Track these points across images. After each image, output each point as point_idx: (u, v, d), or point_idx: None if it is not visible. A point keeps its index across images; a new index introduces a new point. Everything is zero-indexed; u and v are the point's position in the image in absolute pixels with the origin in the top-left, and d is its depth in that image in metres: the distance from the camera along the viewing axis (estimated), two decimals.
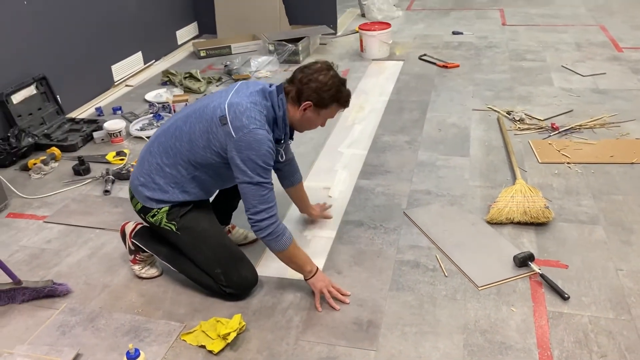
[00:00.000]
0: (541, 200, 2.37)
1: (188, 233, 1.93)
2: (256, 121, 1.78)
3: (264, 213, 1.81)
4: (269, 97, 1.87)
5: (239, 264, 1.94)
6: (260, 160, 1.77)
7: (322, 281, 1.93)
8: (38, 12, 3.37)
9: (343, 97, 1.89)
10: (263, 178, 1.79)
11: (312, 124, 1.95)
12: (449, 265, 2.11)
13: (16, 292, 2.00)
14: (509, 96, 3.61)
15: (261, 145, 1.77)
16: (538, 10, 5.71)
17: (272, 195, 1.84)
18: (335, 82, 1.85)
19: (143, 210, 1.97)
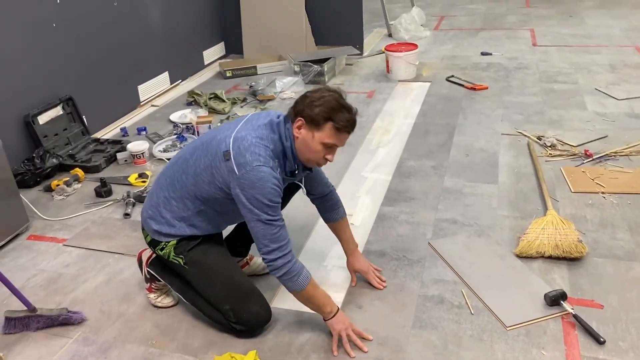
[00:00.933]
0: (574, 233, 2.26)
1: (196, 267, 1.87)
2: (260, 157, 1.70)
3: (277, 252, 1.73)
4: (277, 128, 1.78)
5: (249, 299, 1.86)
6: (266, 199, 1.69)
7: (342, 323, 1.84)
8: (66, 34, 3.41)
9: (338, 117, 1.70)
10: (271, 216, 1.71)
11: (310, 150, 1.75)
12: (476, 301, 2.01)
13: (30, 320, 1.97)
14: (540, 120, 3.49)
15: (265, 184, 1.68)
16: (570, 30, 5.58)
17: (284, 232, 1.75)
18: (331, 100, 1.70)
19: (152, 243, 1.93)
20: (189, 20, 4.77)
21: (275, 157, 1.76)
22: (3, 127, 3.01)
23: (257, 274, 2.22)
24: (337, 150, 1.82)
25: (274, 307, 2.03)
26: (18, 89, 3.11)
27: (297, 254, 2.35)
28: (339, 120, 1.70)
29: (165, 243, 1.89)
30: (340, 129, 1.72)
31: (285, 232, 1.76)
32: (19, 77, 3.12)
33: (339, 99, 1.73)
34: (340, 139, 1.75)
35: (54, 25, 3.32)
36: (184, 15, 4.67)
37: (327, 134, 1.72)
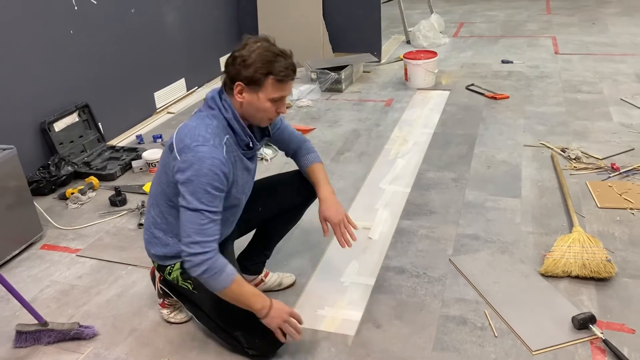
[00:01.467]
0: (602, 251, 2.16)
1: (205, 292, 1.75)
2: (199, 137, 1.59)
3: (198, 246, 1.57)
4: (213, 103, 1.66)
5: (260, 324, 1.73)
6: (201, 181, 1.56)
7: (279, 317, 1.69)
8: (83, 41, 3.40)
9: (277, 69, 1.58)
10: (204, 205, 1.57)
11: (259, 110, 1.64)
12: (499, 323, 1.93)
13: (42, 334, 1.93)
14: (564, 131, 3.40)
15: (202, 164, 1.55)
16: (593, 38, 5.46)
17: (215, 228, 1.60)
18: (263, 53, 1.57)
19: (159, 269, 1.88)
20: (206, 26, 4.75)
21: (223, 132, 1.65)
22: (19, 134, 3.00)
23: (273, 290, 2.16)
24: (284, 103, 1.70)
25: None
26: (34, 95, 3.10)
27: (314, 268, 2.29)
28: (278, 71, 1.59)
29: (171, 267, 1.82)
30: (283, 80, 1.61)
31: (216, 228, 1.61)
32: (36, 84, 3.10)
33: (271, 47, 1.61)
34: (285, 89, 1.64)
35: (71, 32, 3.31)
36: (200, 21, 4.65)
37: (271, 89, 1.61)
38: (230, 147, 1.67)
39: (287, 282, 2.17)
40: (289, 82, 1.63)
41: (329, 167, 3.17)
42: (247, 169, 1.78)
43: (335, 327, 1.96)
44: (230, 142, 1.67)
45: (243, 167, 1.76)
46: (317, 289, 2.17)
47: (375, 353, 1.83)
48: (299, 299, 2.12)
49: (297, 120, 3.90)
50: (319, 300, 2.11)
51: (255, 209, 2.01)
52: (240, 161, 1.73)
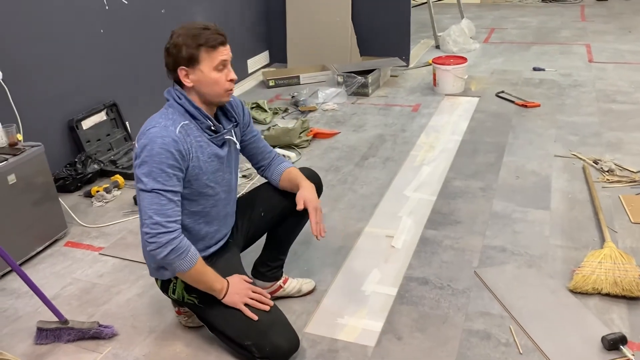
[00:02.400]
0: (635, 269, 2.08)
1: (210, 305, 1.75)
2: (152, 122, 1.64)
3: (161, 226, 1.58)
4: (168, 95, 1.72)
5: (271, 332, 1.71)
6: (154, 160, 1.58)
7: (238, 294, 1.72)
8: (113, 40, 3.43)
9: (204, 39, 1.62)
10: (161, 184, 1.58)
11: (210, 84, 1.66)
12: (525, 340, 1.87)
13: (62, 332, 1.94)
14: (596, 142, 3.30)
15: (154, 144, 1.58)
16: (629, 46, 5.31)
17: (176, 209, 1.62)
18: (186, 32, 1.62)
19: (163, 287, 1.86)
20: (234, 28, 4.76)
21: (180, 118, 1.67)
22: (47, 131, 3.03)
23: (293, 296, 2.13)
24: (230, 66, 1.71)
25: (307, 333, 1.95)
26: (63, 93, 3.13)
27: (334, 275, 2.26)
28: (206, 40, 1.63)
29: (174, 283, 1.80)
30: (214, 45, 1.64)
31: (177, 209, 1.63)
32: (65, 82, 3.14)
33: (193, 24, 1.66)
34: (221, 53, 1.66)
35: (101, 32, 3.34)
36: (229, 23, 4.66)
37: (208, 58, 1.64)
38: (191, 131, 1.68)
39: (307, 288, 2.14)
40: (220, 47, 1.65)
41: (353, 172, 3.13)
42: (216, 155, 1.75)
43: (355, 337, 1.92)
44: (190, 127, 1.69)
45: (211, 153, 1.74)
46: (337, 297, 2.14)
47: None
48: (319, 306, 2.08)
49: (321, 123, 3.87)
50: (339, 308, 2.07)
51: (257, 215, 2.00)
52: (208, 146, 1.73)
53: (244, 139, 1.93)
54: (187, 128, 1.68)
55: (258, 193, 2.05)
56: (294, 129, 3.48)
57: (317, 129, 3.68)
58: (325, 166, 3.23)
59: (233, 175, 1.90)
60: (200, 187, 1.74)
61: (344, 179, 3.07)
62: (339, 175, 3.11)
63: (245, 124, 1.92)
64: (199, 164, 1.71)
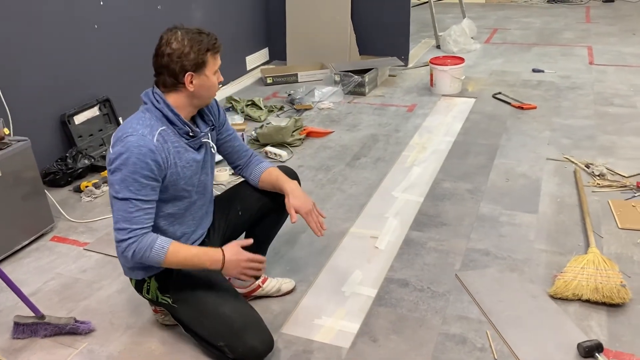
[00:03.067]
0: (617, 275, 2.06)
1: (184, 305, 1.76)
2: (129, 129, 1.62)
3: (124, 233, 1.61)
4: (146, 98, 1.70)
5: (244, 333, 1.70)
6: (129, 170, 1.58)
7: (236, 267, 1.70)
8: (107, 36, 3.44)
9: (209, 44, 1.67)
10: (132, 193, 1.59)
11: (209, 88, 1.72)
12: (501, 345, 1.85)
13: (39, 327, 1.95)
14: (590, 146, 3.27)
15: (130, 153, 1.57)
16: (632, 49, 5.26)
17: (144, 217, 1.62)
18: (190, 37, 1.64)
19: (137, 287, 1.85)
20: (233, 24, 4.76)
21: (157, 124, 1.66)
22: (39, 126, 3.04)
23: (272, 296, 2.12)
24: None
25: (284, 334, 1.94)
26: (56, 88, 3.15)
27: (316, 275, 2.25)
28: (211, 45, 1.68)
29: (148, 283, 1.80)
30: (218, 49, 1.71)
31: (146, 217, 1.63)
32: (58, 77, 3.15)
33: (190, 30, 1.67)
34: (219, 58, 1.74)
35: (95, 27, 3.35)
36: (227, 19, 4.66)
37: (212, 62, 1.70)
38: (169, 137, 1.68)
39: (286, 288, 2.14)
40: (220, 51, 1.73)
41: (343, 172, 3.12)
42: (194, 160, 1.75)
43: (330, 339, 1.92)
44: (167, 133, 1.68)
45: (189, 158, 1.74)
46: (316, 298, 2.13)
47: None
48: (297, 306, 2.08)
49: (316, 122, 3.86)
50: (318, 309, 2.07)
51: (234, 213, 1.99)
52: (185, 151, 1.72)
53: (219, 137, 1.93)
54: (164, 134, 1.67)
55: (236, 191, 2.04)
56: (287, 127, 3.48)
57: (310, 128, 3.67)
58: (316, 165, 3.22)
59: (209, 177, 1.90)
60: (176, 191, 1.74)
61: (333, 179, 3.06)
62: (329, 175, 3.10)
63: (220, 124, 1.91)
64: (176, 170, 1.70)
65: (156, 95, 1.69)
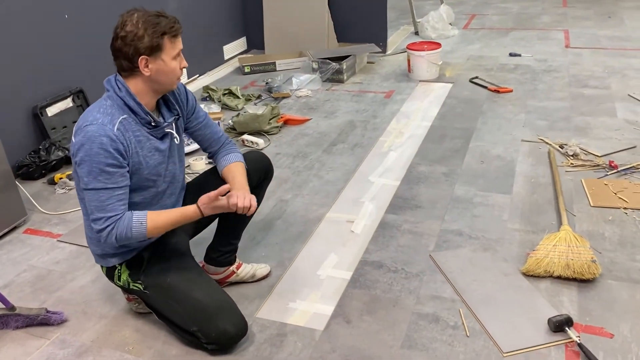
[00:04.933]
0: (588, 252, 2.08)
1: (156, 291, 1.75)
2: (89, 117, 1.60)
3: (101, 222, 1.61)
4: (108, 85, 1.68)
5: (216, 318, 1.71)
6: (94, 161, 1.57)
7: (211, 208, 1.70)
8: (78, 25, 3.39)
9: (165, 27, 1.61)
10: (102, 183, 1.58)
11: (168, 73, 1.66)
12: (473, 323, 1.87)
13: (9, 318, 1.92)
14: (565, 127, 3.29)
15: (92, 144, 1.56)
16: (607, 31, 5.30)
17: (117, 204, 1.61)
18: (146, 19, 1.60)
19: (109, 275, 1.84)
20: (209, 13, 4.71)
21: (118, 112, 1.64)
22: (11, 118, 3.00)
23: (247, 281, 2.12)
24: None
25: (259, 318, 1.94)
26: (27, 79, 3.09)
27: (292, 260, 2.25)
28: (169, 28, 1.62)
29: (119, 270, 1.79)
30: (176, 34, 1.65)
31: (119, 203, 1.62)
32: (29, 68, 3.10)
33: (148, 12, 1.63)
34: (179, 42, 1.68)
35: (66, 17, 3.30)
36: (204, 8, 4.61)
37: (170, 47, 1.64)
38: (130, 126, 1.65)
39: (261, 273, 2.13)
40: (180, 36, 1.67)
41: (321, 159, 3.12)
42: (157, 149, 1.73)
43: (305, 321, 1.92)
44: (129, 122, 1.66)
45: (152, 147, 1.72)
46: (291, 282, 2.13)
47: (342, 349, 1.79)
48: (272, 291, 2.08)
49: (294, 110, 3.85)
50: (292, 293, 2.07)
51: None
52: (147, 140, 1.70)
53: (189, 125, 1.91)
54: (125, 123, 1.65)
55: (207, 176, 2.03)
56: (263, 115, 3.46)
57: (288, 116, 3.65)
58: (293, 152, 3.21)
59: (177, 165, 1.87)
60: (140, 180, 1.72)
61: (310, 165, 3.05)
62: (306, 162, 3.10)
63: (190, 110, 1.89)
64: (139, 159, 1.68)
65: (118, 83, 1.67)
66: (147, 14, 1.62)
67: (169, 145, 1.78)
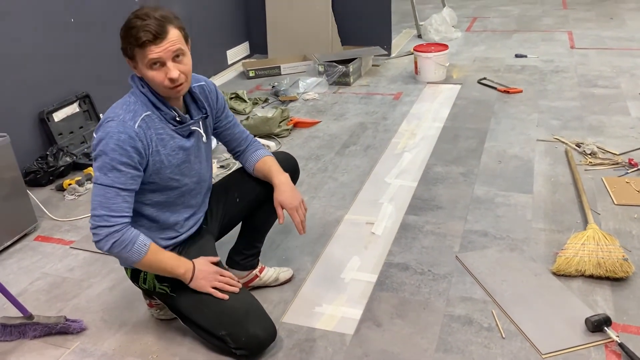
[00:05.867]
0: (618, 250, 2.04)
1: (183, 294, 1.68)
2: (112, 114, 1.56)
3: (102, 219, 1.53)
4: (132, 81, 1.63)
5: (246, 321, 1.65)
6: (108, 157, 1.52)
7: (205, 279, 1.67)
8: (85, 30, 3.33)
9: (134, 35, 1.48)
10: (111, 180, 1.52)
11: (150, 80, 1.55)
12: (508, 324, 1.82)
13: (27, 328, 1.86)
14: (579, 126, 3.26)
15: (109, 140, 1.51)
16: (611, 32, 5.30)
17: (123, 205, 1.55)
18: (127, 22, 1.51)
19: (133, 277, 1.78)
20: (212, 18, 4.66)
21: (142, 108, 1.59)
22: (17, 124, 2.93)
23: (270, 285, 2.06)
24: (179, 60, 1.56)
25: (285, 323, 1.88)
26: (34, 84, 3.03)
27: (313, 263, 2.20)
28: (136, 38, 1.48)
29: (145, 272, 1.72)
30: (144, 44, 1.48)
31: (125, 205, 1.56)
32: (36, 73, 3.04)
33: (134, 13, 1.53)
34: (155, 52, 1.50)
35: (72, 21, 3.24)
36: (207, 13, 4.57)
37: (141, 56, 1.52)
38: (153, 123, 1.60)
39: (284, 277, 2.07)
40: (150, 45, 1.49)
41: (333, 161, 3.07)
42: (181, 147, 1.67)
43: (333, 326, 1.86)
44: (152, 119, 1.60)
45: (175, 146, 1.65)
46: (315, 285, 2.07)
47: (374, 353, 1.73)
48: (296, 295, 2.02)
49: (302, 113, 3.80)
50: (317, 297, 2.01)
51: (232, 200, 1.92)
52: (171, 139, 1.64)
53: (218, 125, 1.86)
54: (148, 120, 1.59)
55: (233, 178, 1.97)
56: (274, 117, 3.41)
57: (297, 118, 3.61)
58: (305, 155, 3.16)
59: (204, 165, 1.81)
60: (163, 180, 1.66)
61: (324, 167, 3.00)
62: (319, 164, 3.05)
63: (219, 110, 1.83)
64: (160, 158, 1.62)
65: (140, 80, 1.62)
66: (133, 15, 1.52)
67: (195, 144, 1.72)
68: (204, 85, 1.80)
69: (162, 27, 1.50)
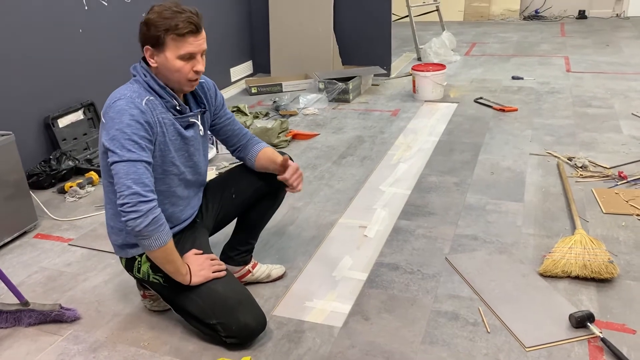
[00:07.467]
0: (604, 253, 2.08)
1: (176, 284, 1.71)
2: (117, 95, 1.60)
3: (140, 196, 1.53)
4: (134, 70, 1.68)
5: (237, 311, 1.69)
6: (126, 132, 1.54)
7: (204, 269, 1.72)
8: (92, 40, 3.44)
9: (175, 24, 1.54)
10: (136, 154, 1.55)
11: (172, 71, 1.61)
12: (493, 320, 1.85)
13: (23, 314, 1.89)
14: (571, 142, 3.33)
15: (122, 116, 1.55)
16: (606, 58, 5.41)
17: (151, 179, 1.59)
18: (161, 12, 1.56)
19: (128, 266, 1.81)
20: (217, 36, 4.80)
21: (145, 93, 1.63)
22: (23, 128, 3.01)
23: (262, 281, 2.10)
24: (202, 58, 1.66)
25: (275, 316, 1.92)
26: (41, 90, 3.13)
27: (305, 263, 2.24)
28: (175, 26, 1.55)
29: (139, 261, 1.77)
30: (183, 34, 1.56)
31: (152, 179, 1.59)
32: (43, 79, 3.13)
33: (171, 6, 1.58)
34: (190, 44, 1.59)
35: (80, 31, 3.35)
36: (211, 31, 4.69)
37: (174, 46, 1.58)
38: (156, 107, 1.65)
39: (276, 273, 2.11)
40: (190, 36, 1.58)
41: (330, 169, 3.13)
42: (181, 135, 1.72)
43: (322, 319, 1.90)
44: (155, 103, 1.65)
45: (175, 132, 1.71)
46: (307, 282, 2.11)
47: (361, 344, 1.76)
48: (288, 291, 2.06)
49: (302, 126, 3.88)
50: (308, 293, 2.05)
51: (228, 196, 1.97)
52: (172, 124, 1.69)
53: (217, 121, 1.92)
54: (151, 104, 1.64)
55: (231, 174, 2.03)
56: (273, 128, 3.49)
57: (296, 131, 3.69)
58: (302, 164, 3.23)
59: (201, 158, 1.88)
60: (165, 164, 1.71)
61: (320, 176, 3.06)
62: (316, 172, 3.11)
63: (218, 106, 1.90)
64: (164, 140, 1.68)
65: (143, 69, 1.68)
66: (169, 7, 1.59)
67: (193, 135, 1.79)
68: (203, 82, 1.87)
69: (201, 23, 1.62)
